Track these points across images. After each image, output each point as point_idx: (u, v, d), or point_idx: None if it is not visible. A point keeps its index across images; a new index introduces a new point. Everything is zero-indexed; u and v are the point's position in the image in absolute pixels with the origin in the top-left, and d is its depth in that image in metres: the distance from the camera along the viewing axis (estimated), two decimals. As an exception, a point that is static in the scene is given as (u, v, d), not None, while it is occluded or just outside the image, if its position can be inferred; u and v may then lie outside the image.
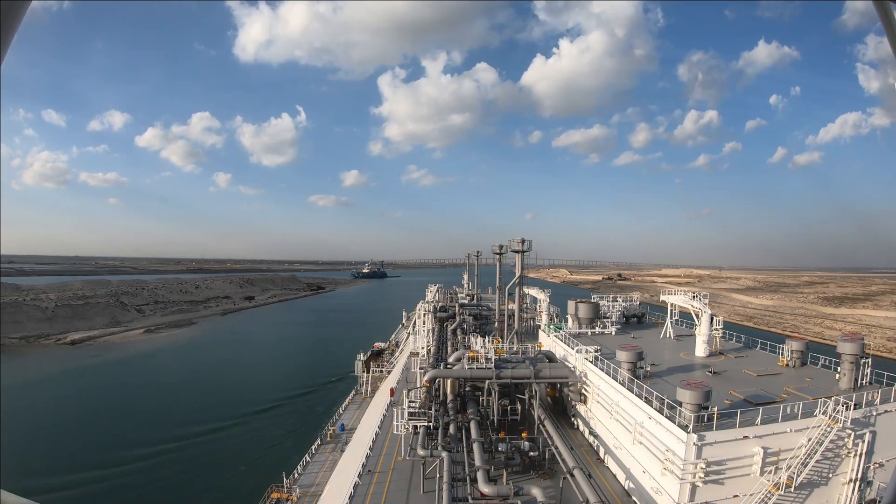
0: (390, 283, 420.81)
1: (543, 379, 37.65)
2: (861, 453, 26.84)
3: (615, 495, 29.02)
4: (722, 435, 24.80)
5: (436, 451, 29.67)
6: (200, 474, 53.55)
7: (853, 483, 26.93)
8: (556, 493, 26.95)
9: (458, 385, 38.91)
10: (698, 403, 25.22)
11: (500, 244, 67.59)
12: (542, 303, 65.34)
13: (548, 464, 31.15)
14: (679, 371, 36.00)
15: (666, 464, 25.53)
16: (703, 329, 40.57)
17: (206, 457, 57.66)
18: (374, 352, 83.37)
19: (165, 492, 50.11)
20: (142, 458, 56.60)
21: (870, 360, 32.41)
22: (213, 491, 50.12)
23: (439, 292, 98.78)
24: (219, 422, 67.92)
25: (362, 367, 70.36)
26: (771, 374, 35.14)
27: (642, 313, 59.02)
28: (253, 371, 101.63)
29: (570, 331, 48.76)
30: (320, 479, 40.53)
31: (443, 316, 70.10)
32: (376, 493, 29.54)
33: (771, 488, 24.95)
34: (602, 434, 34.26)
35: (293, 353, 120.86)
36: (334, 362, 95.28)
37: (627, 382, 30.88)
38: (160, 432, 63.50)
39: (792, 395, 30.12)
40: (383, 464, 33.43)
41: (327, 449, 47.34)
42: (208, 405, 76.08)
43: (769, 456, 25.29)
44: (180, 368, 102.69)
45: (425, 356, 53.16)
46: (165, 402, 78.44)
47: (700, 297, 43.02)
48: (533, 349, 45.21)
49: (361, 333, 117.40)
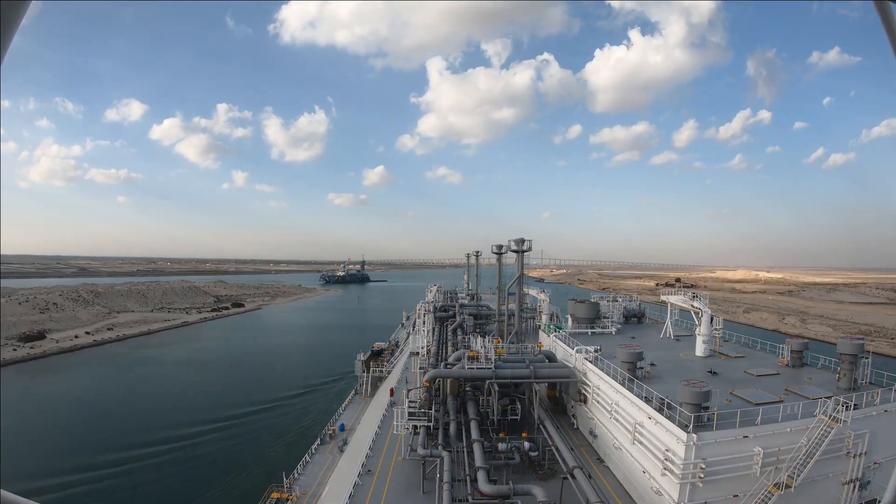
0: (371, 290, 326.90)
1: (543, 379, 37.67)
2: (861, 453, 26.86)
3: (615, 495, 29.02)
4: (722, 435, 24.81)
5: (436, 451, 29.68)
6: (199, 476, 53.50)
7: (853, 483, 26.95)
8: (556, 493, 26.96)
9: (458, 385, 38.91)
10: (698, 403, 25.22)
11: (499, 244, 67.70)
12: (542, 303, 65.37)
13: (548, 464, 31.18)
14: (679, 371, 35.99)
15: (666, 464, 25.53)
16: (703, 329, 40.59)
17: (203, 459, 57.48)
18: (374, 352, 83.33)
19: (164, 493, 50.08)
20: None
21: (870, 360, 32.41)
22: (213, 492, 50.09)
23: (439, 292, 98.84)
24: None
25: (362, 367, 70.31)
26: (771, 374, 35.13)
27: (642, 313, 59.07)
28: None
29: (569, 330, 48.78)
30: (320, 478, 40.53)
31: (443, 316, 70.10)
32: (376, 494, 29.53)
33: (771, 488, 24.94)
34: (602, 434, 34.27)
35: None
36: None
37: (627, 382, 30.90)
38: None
39: (792, 395, 30.13)
40: (383, 464, 33.42)
41: (327, 449, 47.29)
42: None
43: (769, 456, 25.27)
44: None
45: (425, 356, 53.13)
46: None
47: (700, 297, 43.04)
48: (533, 349, 45.23)
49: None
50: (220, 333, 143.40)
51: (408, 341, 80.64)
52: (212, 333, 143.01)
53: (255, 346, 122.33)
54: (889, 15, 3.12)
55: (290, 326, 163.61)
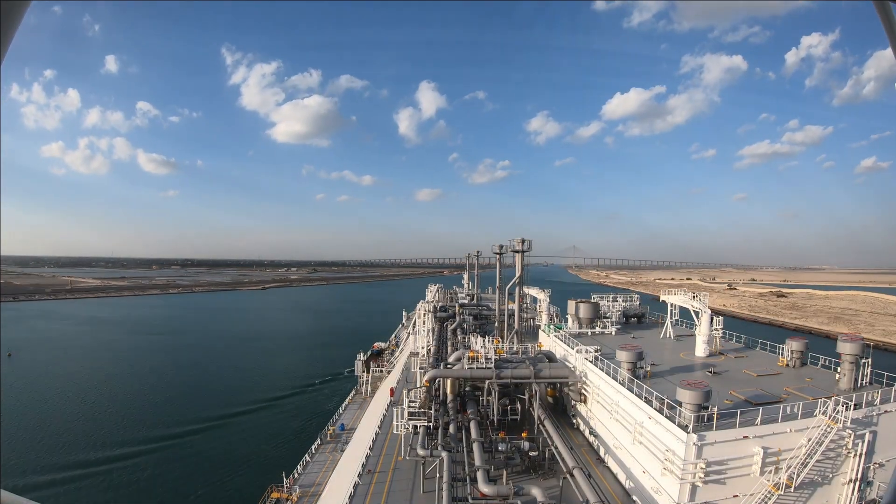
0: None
1: (543, 379, 37.64)
2: (861, 453, 26.83)
3: (615, 495, 29.01)
4: (722, 435, 24.79)
5: (436, 451, 29.65)
6: (198, 474, 53.55)
7: (853, 483, 26.91)
8: (556, 493, 26.95)
9: (458, 385, 38.91)
10: (698, 403, 25.22)
11: (500, 244, 67.74)
12: (542, 303, 65.33)
13: (548, 464, 31.15)
14: (679, 371, 36.00)
15: (666, 464, 25.53)
16: (703, 329, 40.58)
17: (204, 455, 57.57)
18: (374, 352, 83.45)
19: (164, 491, 50.11)
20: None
21: (870, 361, 32.40)
22: (213, 491, 50.12)
23: (439, 292, 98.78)
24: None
25: (362, 367, 70.40)
26: (771, 374, 35.13)
27: (642, 313, 59.07)
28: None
29: (570, 331, 48.77)
30: (320, 478, 40.55)
31: (443, 316, 70.09)
32: (376, 493, 29.51)
33: (771, 488, 24.95)
34: (602, 434, 34.26)
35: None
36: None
37: (627, 382, 30.88)
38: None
39: (792, 395, 30.13)
40: (383, 464, 33.41)
41: (327, 449, 47.36)
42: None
43: (769, 456, 25.28)
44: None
45: (425, 356, 53.12)
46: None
47: (699, 297, 43.06)
48: (533, 349, 45.19)
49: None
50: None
51: (408, 341, 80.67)
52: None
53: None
54: (889, 15, 3.12)
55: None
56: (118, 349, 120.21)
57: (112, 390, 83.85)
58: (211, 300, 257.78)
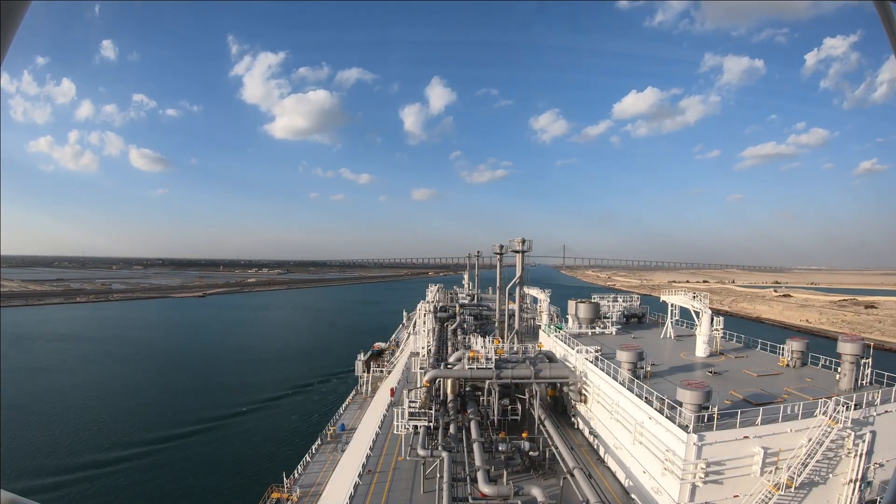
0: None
1: (543, 379, 37.63)
2: (861, 453, 26.83)
3: (615, 495, 29.00)
4: (722, 435, 24.79)
5: (436, 451, 29.65)
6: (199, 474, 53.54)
7: (853, 483, 26.91)
8: (556, 493, 26.95)
9: (459, 385, 38.92)
10: (699, 403, 25.21)
11: (500, 244, 67.67)
12: (543, 303, 65.31)
13: (548, 464, 31.15)
14: (679, 371, 35.99)
15: (666, 464, 25.53)
16: (704, 329, 40.56)
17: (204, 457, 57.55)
18: (375, 352, 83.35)
19: (164, 492, 50.11)
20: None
21: (870, 361, 32.39)
22: (214, 491, 50.13)
23: (439, 292, 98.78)
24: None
25: (363, 367, 70.36)
26: (771, 375, 35.12)
27: (642, 313, 59.03)
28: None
29: (570, 331, 48.76)
30: (321, 479, 40.55)
31: (443, 316, 70.08)
32: (376, 493, 29.52)
33: (771, 488, 24.94)
34: (602, 434, 34.25)
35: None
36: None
37: (628, 382, 30.88)
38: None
39: (792, 395, 30.11)
40: (383, 464, 33.41)
41: (327, 449, 47.35)
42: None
43: (769, 456, 25.28)
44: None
45: (425, 356, 53.07)
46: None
47: (699, 297, 43.03)
48: (533, 349, 45.17)
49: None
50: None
51: (408, 341, 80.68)
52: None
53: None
54: (889, 15, 3.13)
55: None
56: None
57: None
58: (130, 311, 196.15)
